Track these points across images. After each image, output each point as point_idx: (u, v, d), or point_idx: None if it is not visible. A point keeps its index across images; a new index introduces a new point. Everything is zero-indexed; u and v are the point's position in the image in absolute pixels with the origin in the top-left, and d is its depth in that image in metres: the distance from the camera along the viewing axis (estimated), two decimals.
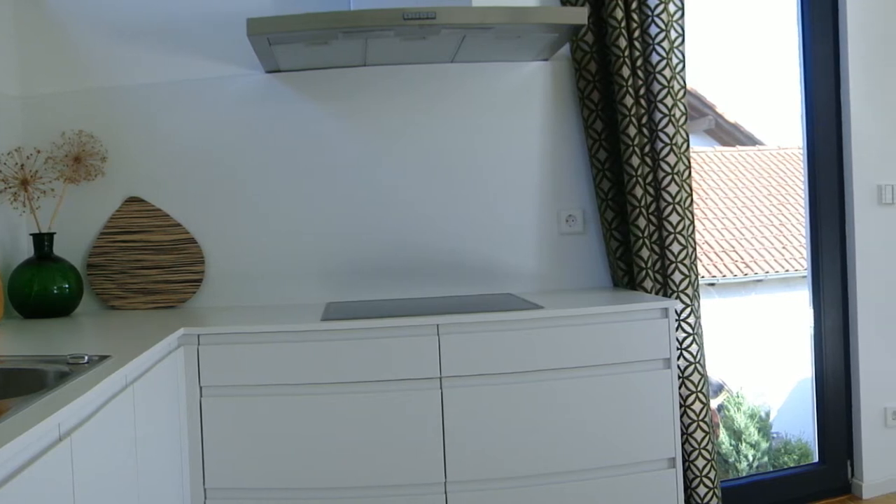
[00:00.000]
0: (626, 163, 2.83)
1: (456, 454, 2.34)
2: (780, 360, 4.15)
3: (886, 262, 3.55)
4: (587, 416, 2.44)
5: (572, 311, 2.45)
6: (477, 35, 2.49)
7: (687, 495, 2.90)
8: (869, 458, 3.52)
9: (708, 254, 4.29)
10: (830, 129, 3.50)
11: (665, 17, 2.84)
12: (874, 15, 3.51)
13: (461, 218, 2.96)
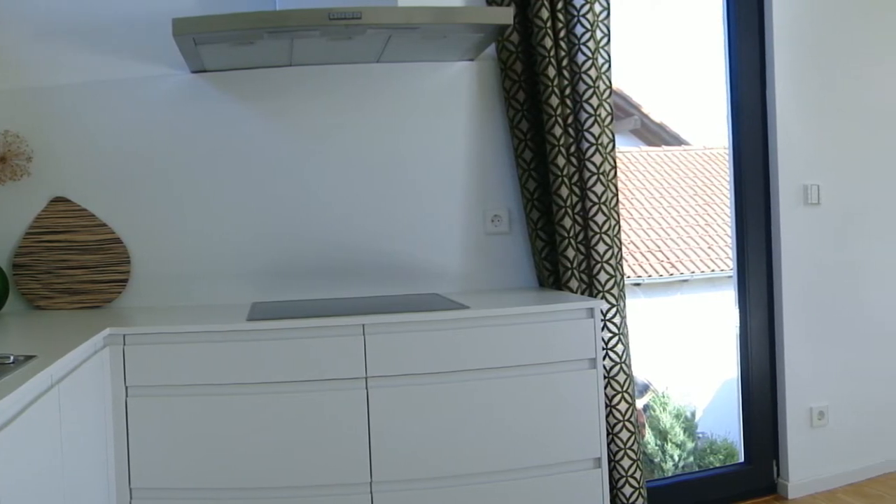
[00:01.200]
0: (552, 163, 3.07)
1: (382, 454, 2.53)
2: (706, 360, 4.43)
3: (812, 263, 3.86)
4: (513, 417, 2.64)
5: (498, 311, 2.65)
6: (403, 35, 2.68)
7: (612, 495, 3.13)
8: (794, 458, 3.83)
9: (634, 254, 4.54)
10: (756, 129, 3.79)
11: (591, 17, 3.09)
12: (800, 15, 3.81)
13: (387, 218, 3.16)
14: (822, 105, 3.89)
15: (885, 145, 4.09)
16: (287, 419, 2.47)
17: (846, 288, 3.98)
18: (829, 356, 3.93)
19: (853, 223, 4.00)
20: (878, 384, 4.08)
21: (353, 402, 2.51)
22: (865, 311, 4.03)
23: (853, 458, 3.99)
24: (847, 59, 3.96)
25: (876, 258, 4.06)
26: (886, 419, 4.11)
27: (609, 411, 3.15)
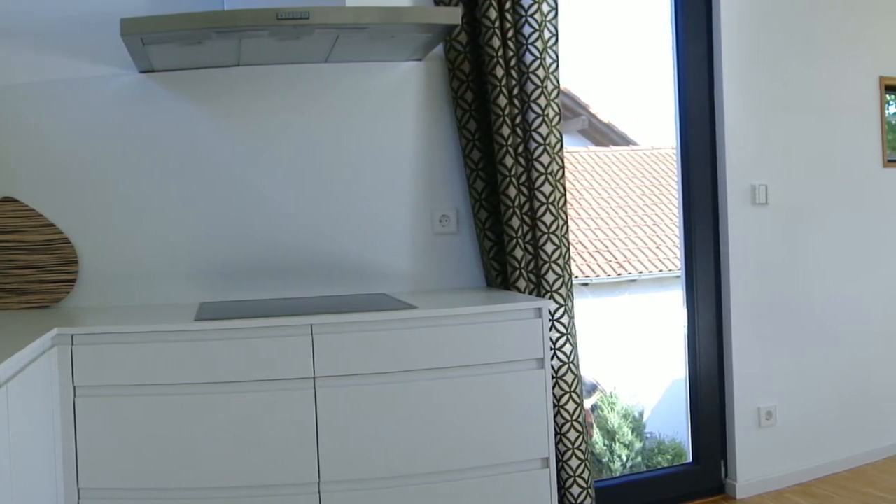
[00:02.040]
0: (500, 163, 3.22)
1: (329, 454, 2.65)
2: (654, 360, 4.65)
3: (760, 263, 4.07)
4: (461, 416, 2.77)
5: (446, 311, 2.78)
6: (351, 35, 2.81)
7: (560, 495, 3.29)
8: (742, 458, 4.02)
9: (582, 254, 4.74)
10: (704, 129, 3.98)
11: (539, 17, 3.25)
12: (747, 15, 4.01)
13: (335, 218, 3.29)
14: (770, 105, 4.09)
15: (833, 144, 4.32)
16: (235, 419, 2.58)
17: (794, 287, 4.18)
18: (777, 356, 4.12)
19: (801, 223, 4.20)
20: (826, 383, 4.29)
21: (301, 401, 2.63)
22: (813, 310, 4.24)
23: (801, 457, 4.20)
24: (795, 58, 4.18)
25: (823, 257, 4.27)
26: (834, 419, 4.32)
27: (557, 411, 3.30)
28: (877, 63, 4.51)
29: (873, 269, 4.50)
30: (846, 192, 4.38)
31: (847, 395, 4.39)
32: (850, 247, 4.40)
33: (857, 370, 4.44)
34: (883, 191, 4.54)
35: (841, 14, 4.36)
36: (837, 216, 4.34)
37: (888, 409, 4.58)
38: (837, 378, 4.35)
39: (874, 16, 4.50)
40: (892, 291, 4.58)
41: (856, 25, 4.42)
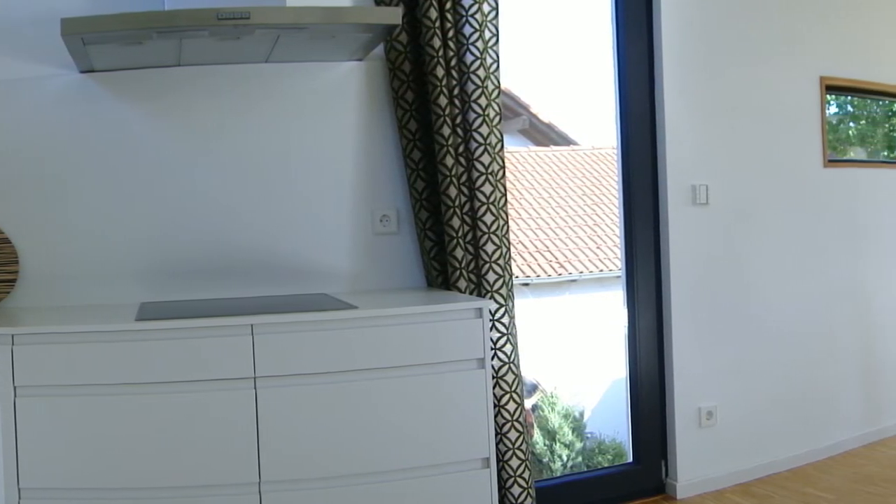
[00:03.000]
0: (441, 163, 3.37)
1: (270, 454, 2.76)
2: (595, 360, 4.82)
3: (700, 263, 4.26)
4: (402, 416, 2.88)
5: (387, 311, 2.90)
6: (291, 35, 2.93)
7: (501, 495, 3.44)
8: (683, 458, 4.22)
9: (522, 254, 4.89)
10: (644, 129, 4.17)
11: (479, 17, 3.41)
12: (689, 15, 4.21)
13: (276, 218, 3.41)
14: (710, 105, 4.29)
15: (773, 144, 4.53)
16: (176, 419, 2.67)
17: (734, 288, 4.38)
18: (717, 356, 4.32)
19: (742, 223, 4.40)
20: (766, 383, 4.50)
21: (242, 402, 2.73)
22: (753, 310, 4.45)
23: (741, 457, 4.40)
24: (736, 58, 4.38)
25: (764, 258, 4.48)
26: (775, 419, 4.53)
27: (497, 411, 3.44)
28: (817, 63, 4.74)
29: (813, 270, 4.72)
30: (787, 192, 4.59)
31: (787, 395, 4.59)
32: (791, 247, 4.61)
33: (798, 370, 4.65)
34: (823, 191, 4.76)
35: (782, 14, 4.57)
36: (778, 216, 4.55)
37: (828, 409, 4.81)
38: (778, 378, 4.56)
39: (815, 16, 4.72)
40: (832, 291, 4.81)
41: (797, 26, 4.64)
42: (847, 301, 4.93)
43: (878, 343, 5.11)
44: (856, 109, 5.47)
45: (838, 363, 4.89)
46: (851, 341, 4.96)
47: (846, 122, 5.40)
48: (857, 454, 4.85)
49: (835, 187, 4.85)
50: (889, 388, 5.18)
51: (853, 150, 5.41)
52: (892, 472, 4.50)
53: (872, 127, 5.59)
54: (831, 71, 4.83)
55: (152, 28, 2.69)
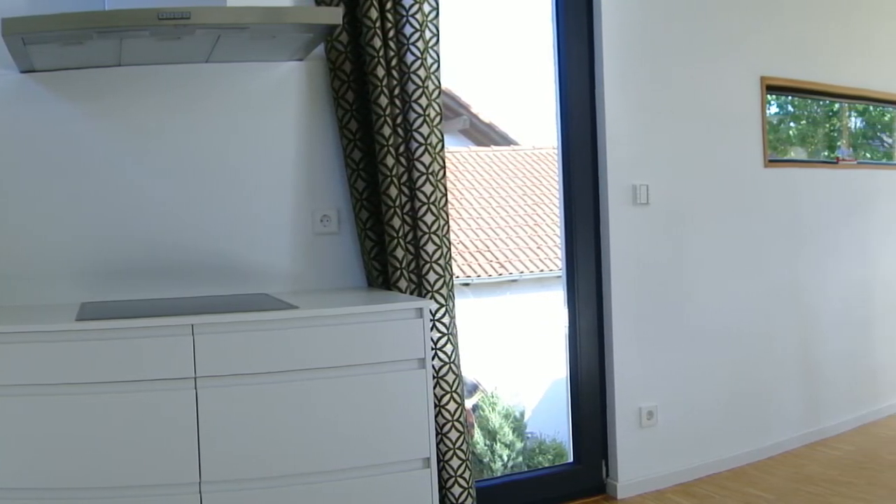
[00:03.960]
0: (381, 163, 3.50)
1: (211, 454, 2.84)
2: (535, 360, 4.97)
3: (641, 263, 4.43)
4: (342, 416, 2.98)
5: (327, 311, 3.00)
6: (232, 35, 3.02)
7: (442, 495, 3.57)
8: (623, 458, 4.38)
9: (463, 254, 5.02)
10: (585, 129, 4.32)
11: (420, 17, 3.54)
12: (629, 15, 4.37)
13: (216, 218, 3.50)
14: (651, 104, 4.46)
15: (714, 144, 4.72)
16: (116, 419, 2.74)
17: (674, 287, 4.56)
18: (657, 355, 4.49)
19: (682, 223, 4.58)
20: (706, 384, 4.68)
21: (183, 402, 2.81)
22: (694, 310, 4.63)
23: (682, 457, 4.57)
24: (677, 57, 4.56)
25: (704, 258, 4.67)
26: (715, 419, 4.72)
27: (438, 411, 3.58)
28: (758, 63, 4.94)
29: (754, 270, 4.92)
30: (727, 192, 4.79)
31: (727, 395, 4.78)
32: (731, 247, 4.80)
33: (738, 370, 4.84)
34: (763, 191, 4.97)
35: (723, 14, 4.76)
36: (719, 216, 4.74)
37: (768, 410, 5.01)
38: (718, 378, 4.74)
39: (756, 16, 4.92)
40: (773, 291, 5.02)
41: (738, 25, 4.83)
42: (787, 301, 5.13)
43: (818, 343, 5.32)
44: (796, 109, 5.67)
45: (778, 363, 5.08)
46: (791, 341, 5.16)
47: (787, 122, 5.60)
48: (798, 454, 5.03)
49: (775, 187, 5.05)
50: (829, 388, 5.39)
51: (793, 151, 5.61)
52: (833, 471, 4.68)
53: (813, 127, 5.80)
54: (772, 71, 5.03)
55: (93, 28, 2.76)
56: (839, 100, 5.83)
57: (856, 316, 5.59)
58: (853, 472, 4.68)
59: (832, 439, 5.33)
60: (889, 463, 4.79)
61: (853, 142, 6.11)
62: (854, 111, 6.10)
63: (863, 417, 5.64)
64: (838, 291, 5.46)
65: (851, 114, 6.09)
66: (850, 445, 5.20)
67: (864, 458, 4.91)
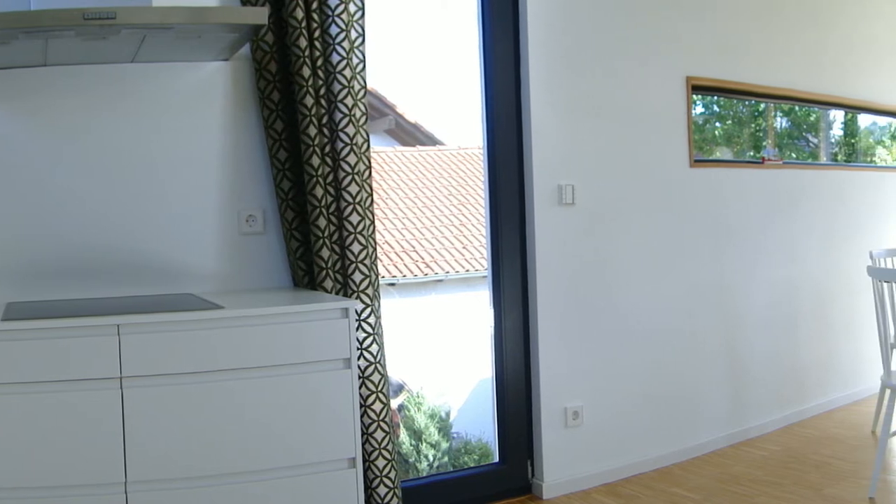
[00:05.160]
0: (307, 163, 3.63)
1: (136, 454, 2.94)
2: (461, 360, 5.13)
3: (566, 263, 4.60)
4: (268, 416, 3.10)
5: (252, 312, 3.11)
6: (157, 35, 3.13)
7: (367, 495, 3.73)
8: (549, 458, 4.55)
9: (388, 254, 5.16)
10: (511, 129, 4.49)
11: (345, 17, 3.69)
12: (555, 15, 4.54)
13: (142, 218, 3.60)
14: (577, 104, 4.64)
15: (640, 144, 4.92)
16: (42, 419, 2.83)
17: (600, 287, 4.74)
18: (583, 356, 4.67)
19: (608, 223, 4.77)
20: (632, 383, 4.87)
21: (108, 402, 2.90)
22: (620, 310, 4.82)
23: (608, 457, 4.76)
24: (603, 58, 4.75)
25: (630, 258, 4.86)
26: (640, 419, 4.91)
27: (364, 411, 3.72)
28: (684, 63, 5.16)
29: (679, 269, 5.13)
30: (653, 192, 4.99)
31: (653, 395, 4.98)
32: (657, 247, 5.01)
33: (664, 370, 5.05)
34: (689, 191, 5.18)
35: (649, 15, 4.97)
36: (644, 216, 4.94)
37: (694, 409, 5.22)
38: (643, 378, 4.94)
39: (681, 16, 5.14)
40: (698, 291, 5.23)
41: (664, 26, 5.04)
42: (713, 301, 5.35)
43: (743, 343, 5.56)
44: (722, 109, 5.89)
45: (704, 363, 5.30)
46: (717, 341, 5.39)
47: (712, 122, 5.82)
48: (724, 454, 5.24)
49: (701, 187, 5.27)
50: (755, 389, 5.63)
51: (719, 150, 5.84)
52: (758, 471, 4.88)
53: (738, 127, 6.03)
54: (698, 71, 5.24)
55: (18, 28, 2.83)
56: (765, 100, 6.07)
57: (781, 316, 5.83)
58: (778, 471, 4.87)
59: (758, 439, 5.54)
60: (814, 463, 4.99)
61: (779, 142, 6.35)
62: (780, 111, 6.33)
63: (788, 417, 5.88)
64: (764, 291, 5.69)
65: (777, 114, 6.32)
66: (775, 445, 5.40)
67: (789, 458, 5.10)
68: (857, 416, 6.05)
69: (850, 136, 7.18)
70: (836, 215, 6.28)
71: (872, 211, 6.63)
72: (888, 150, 7.57)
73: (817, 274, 6.12)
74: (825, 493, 4.48)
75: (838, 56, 6.32)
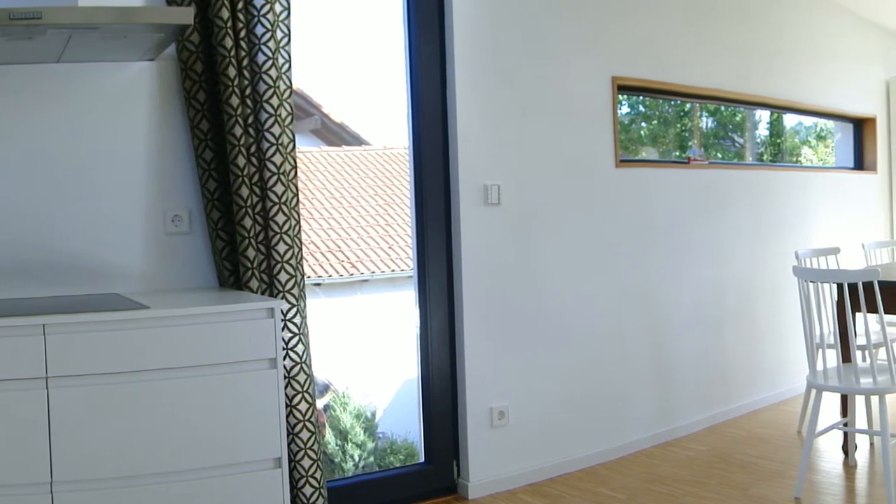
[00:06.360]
0: (233, 163, 3.76)
1: (62, 454, 3.02)
2: (387, 360, 5.27)
3: (492, 263, 4.75)
4: (193, 416, 3.20)
5: (178, 312, 3.21)
6: (83, 35, 3.21)
7: (293, 495, 3.85)
8: (475, 458, 4.70)
9: (314, 254, 5.27)
10: (436, 129, 4.65)
11: (271, 17, 3.82)
12: (481, 16, 4.70)
13: (67, 218, 3.67)
14: (503, 105, 4.80)
15: (567, 144, 5.09)
16: None
17: (526, 287, 4.90)
18: (509, 356, 4.83)
19: (534, 223, 4.93)
20: (558, 384, 5.04)
21: (34, 401, 2.98)
22: (545, 310, 4.98)
23: (534, 457, 4.92)
24: (528, 59, 4.91)
25: (555, 258, 5.03)
26: (566, 419, 5.08)
27: (289, 411, 3.85)
28: (610, 63, 5.35)
29: (605, 270, 5.31)
30: (579, 192, 5.17)
31: (580, 395, 5.16)
32: (583, 247, 5.19)
33: (590, 370, 5.23)
34: (615, 191, 5.37)
35: (574, 15, 5.14)
36: (570, 217, 5.11)
37: (621, 409, 5.41)
38: (569, 378, 5.11)
39: (607, 17, 5.32)
40: (624, 292, 5.43)
41: (589, 26, 5.22)
42: (639, 301, 5.55)
43: (669, 343, 5.77)
44: (648, 109, 6.09)
45: (630, 363, 5.50)
46: (643, 341, 5.59)
47: (638, 122, 6.02)
48: (650, 454, 5.43)
49: (627, 187, 5.46)
50: (680, 389, 5.84)
51: (645, 150, 6.03)
52: (684, 471, 5.06)
53: (664, 127, 6.23)
54: (623, 71, 5.44)
55: None
56: (691, 100, 6.30)
57: (707, 316, 6.05)
58: (704, 471, 5.05)
59: (684, 439, 5.74)
60: (740, 463, 5.18)
61: (705, 142, 6.58)
62: (706, 111, 6.55)
63: (714, 417, 6.10)
64: (690, 291, 5.91)
65: (703, 114, 6.54)
66: (701, 445, 5.60)
67: (715, 458, 5.30)
68: (783, 416, 6.26)
69: (775, 136, 7.45)
70: (762, 215, 6.52)
71: (798, 211, 6.90)
72: (814, 151, 7.87)
73: (743, 274, 6.34)
74: (751, 493, 4.64)
75: (764, 56, 6.57)
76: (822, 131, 8.02)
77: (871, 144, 7.98)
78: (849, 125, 8.04)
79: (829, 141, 8.09)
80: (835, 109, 7.46)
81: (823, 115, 7.61)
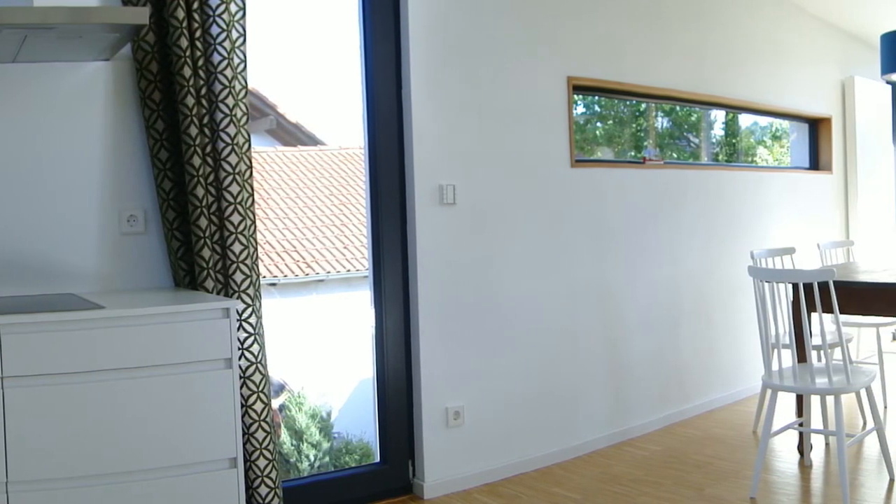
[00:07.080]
0: (188, 163, 3.83)
1: (18, 454, 3.06)
2: (342, 360, 5.35)
3: (447, 263, 4.84)
4: (148, 416, 3.24)
5: (133, 312, 3.25)
6: (38, 35, 3.26)
7: (248, 495, 3.91)
8: (430, 458, 4.79)
9: (269, 254, 5.32)
10: (392, 129, 4.73)
11: (226, 17, 3.90)
12: (436, 15, 4.78)
13: (21, 218, 3.71)
14: (458, 105, 4.89)
15: (522, 144, 5.18)
16: None
17: (481, 287, 4.99)
18: (464, 356, 4.92)
19: (488, 223, 5.02)
20: (513, 383, 5.13)
21: None
22: (501, 310, 5.07)
23: (489, 457, 5.01)
24: (483, 59, 5.00)
25: (511, 257, 5.12)
26: (522, 418, 5.18)
27: (245, 411, 3.92)
28: (565, 63, 5.45)
29: (560, 270, 5.41)
30: (534, 192, 5.26)
31: (535, 395, 5.26)
32: (538, 246, 5.28)
33: (545, 370, 5.33)
34: (570, 191, 5.47)
35: (530, 15, 5.24)
36: (525, 216, 5.21)
37: (574, 409, 5.51)
38: (524, 378, 5.20)
39: (562, 17, 5.43)
40: (579, 291, 5.53)
41: (545, 26, 5.32)
42: (594, 301, 5.65)
43: (624, 343, 5.88)
44: (603, 109, 6.20)
45: (585, 363, 5.60)
46: (598, 341, 5.69)
47: (593, 122, 6.12)
48: (605, 454, 5.53)
49: (582, 187, 5.56)
50: (635, 389, 5.95)
51: (600, 150, 6.14)
52: (639, 471, 5.16)
53: (619, 127, 6.34)
54: (579, 71, 5.55)
55: None
56: (646, 100, 6.42)
57: (662, 316, 6.18)
58: (659, 471, 5.16)
59: (639, 439, 5.86)
60: (695, 463, 5.28)
61: (660, 142, 6.69)
62: (661, 111, 6.67)
63: (669, 417, 6.23)
64: (645, 291, 6.03)
65: (658, 114, 6.66)
66: (656, 445, 5.71)
67: (670, 458, 5.41)
68: (738, 416, 6.38)
69: (731, 136, 7.59)
70: (718, 215, 6.65)
71: (753, 211, 7.03)
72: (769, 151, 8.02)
73: (698, 274, 6.47)
74: (706, 493, 4.73)
75: (719, 56, 6.71)
76: (778, 131, 8.17)
77: (826, 144, 8.13)
78: (804, 125, 8.19)
79: (785, 141, 8.24)
80: (790, 109, 7.61)
81: (779, 115, 7.76)
